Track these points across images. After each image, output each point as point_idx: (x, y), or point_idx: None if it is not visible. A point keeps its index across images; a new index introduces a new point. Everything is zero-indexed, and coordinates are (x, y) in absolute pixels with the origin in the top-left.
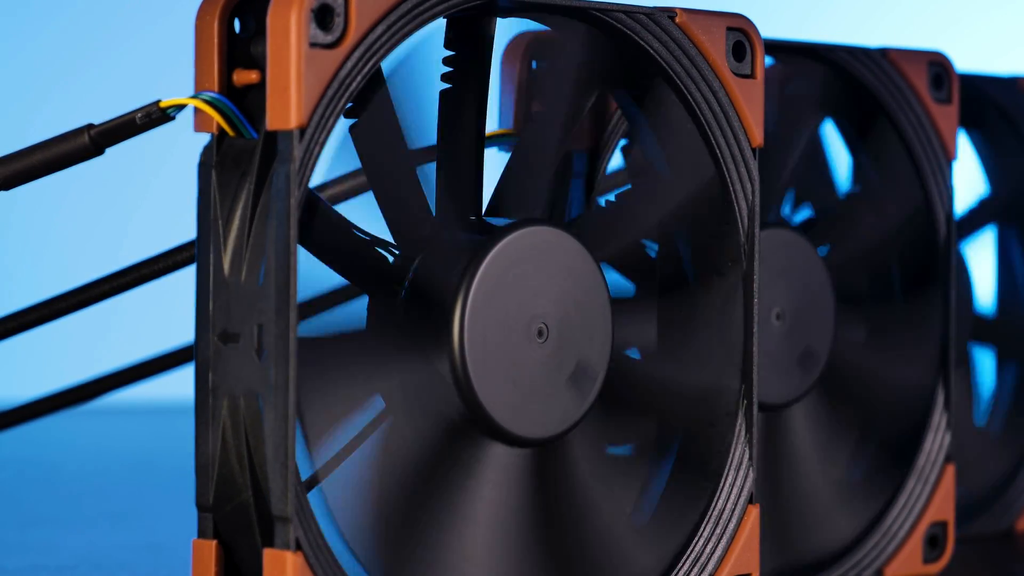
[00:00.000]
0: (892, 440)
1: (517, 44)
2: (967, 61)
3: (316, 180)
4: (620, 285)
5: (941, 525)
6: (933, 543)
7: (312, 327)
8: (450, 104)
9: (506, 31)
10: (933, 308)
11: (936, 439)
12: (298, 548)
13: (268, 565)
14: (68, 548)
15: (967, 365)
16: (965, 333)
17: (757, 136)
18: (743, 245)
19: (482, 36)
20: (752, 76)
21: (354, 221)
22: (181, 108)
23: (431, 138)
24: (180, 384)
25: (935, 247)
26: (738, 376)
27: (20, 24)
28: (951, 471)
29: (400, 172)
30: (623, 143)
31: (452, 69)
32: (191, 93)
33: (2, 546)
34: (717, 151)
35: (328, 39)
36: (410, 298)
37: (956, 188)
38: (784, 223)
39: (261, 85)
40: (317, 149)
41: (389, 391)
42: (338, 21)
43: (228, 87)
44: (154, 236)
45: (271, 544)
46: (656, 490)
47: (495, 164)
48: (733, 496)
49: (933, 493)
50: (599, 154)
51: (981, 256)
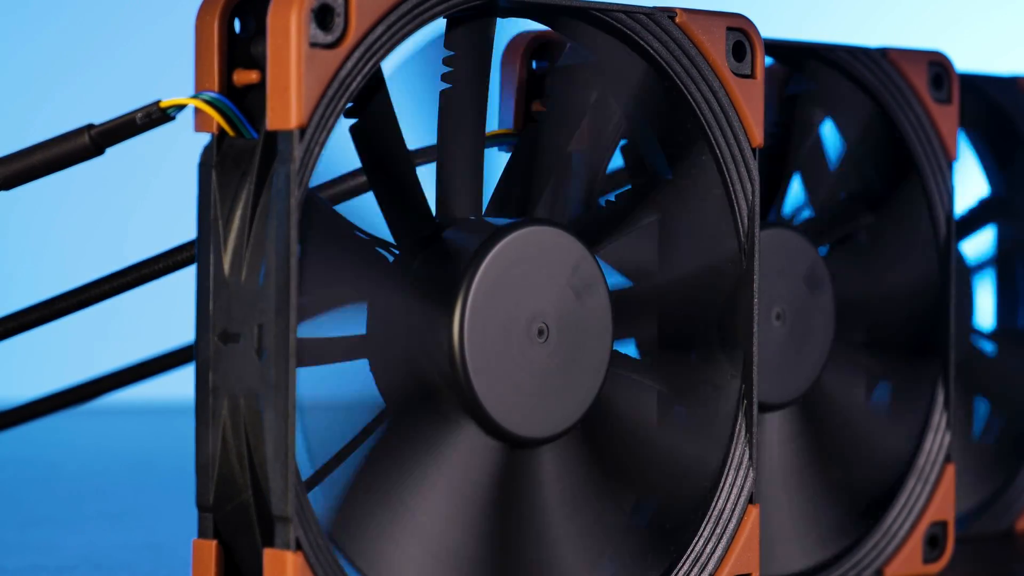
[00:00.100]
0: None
1: (517, 44)
2: (967, 61)
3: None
4: (620, 285)
5: (941, 525)
6: (933, 543)
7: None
8: (450, 104)
9: (506, 31)
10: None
11: (936, 439)
12: (298, 548)
13: (268, 565)
14: (68, 548)
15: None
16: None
17: (757, 136)
18: (743, 245)
19: (482, 36)
20: (752, 76)
21: (354, 221)
22: (181, 108)
23: (431, 138)
24: (180, 384)
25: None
26: (737, 378)
27: (20, 24)
28: (951, 471)
29: (400, 172)
30: (623, 143)
31: (452, 69)
32: (191, 93)
33: (2, 546)
34: (717, 151)
35: (328, 39)
36: (410, 298)
37: (956, 188)
38: (784, 223)
39: (261, 85)
40: (317, 149)
41: (385, 378)
42: (338, 21)
43: (228, 87)
44: (154, 236)
45: (271, 544)
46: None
47: (495, 164)
48: (733, 496)
49: (933, 493)
50: (599, 154)
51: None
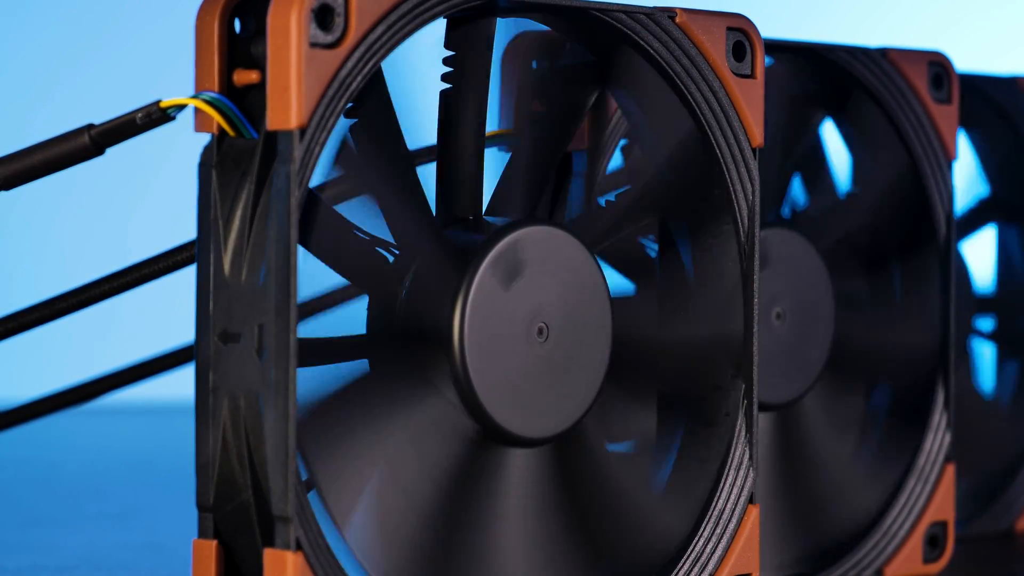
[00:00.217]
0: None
1: (517, 44)
2: (967, 61)
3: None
4: (620, 285)
5: (941, 525)
6: (933, 543)
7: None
8: (450, 104)
9: (506, 31)
10: (930, 274)
11: (936, 439)
12: (298, 548)
13: (268, 565)
14: (68, 548)
15: (968, 357)
16: (966, 326)
17: (757, 136)
18: (743, 245)
19: (482, 36)
20: (752, 76)
21: (354, 221)
22: (181, 108)
23: (431, 138)
24: (180, 384)
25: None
26: (737, 375)
27: (20, 24)
28: (951, 471)
29: (400, 172)
30: (623, 143)
31: (452, 69)
32: (191, 93)
33: (2, 546)
34: (717, 151)
35: (328, 39)
36: (410, 298)
37: (956, 188)
38: (784, 223)
39: (261, 85)
40: (317, 149)
41: (385, 378)
42: (338, 21)
43: (228, 87)
44: (154, 236)
45: (271, 544)
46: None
47: (495, 164)
48: (733, 496)
49: (933, 493)
50: (599, 154)
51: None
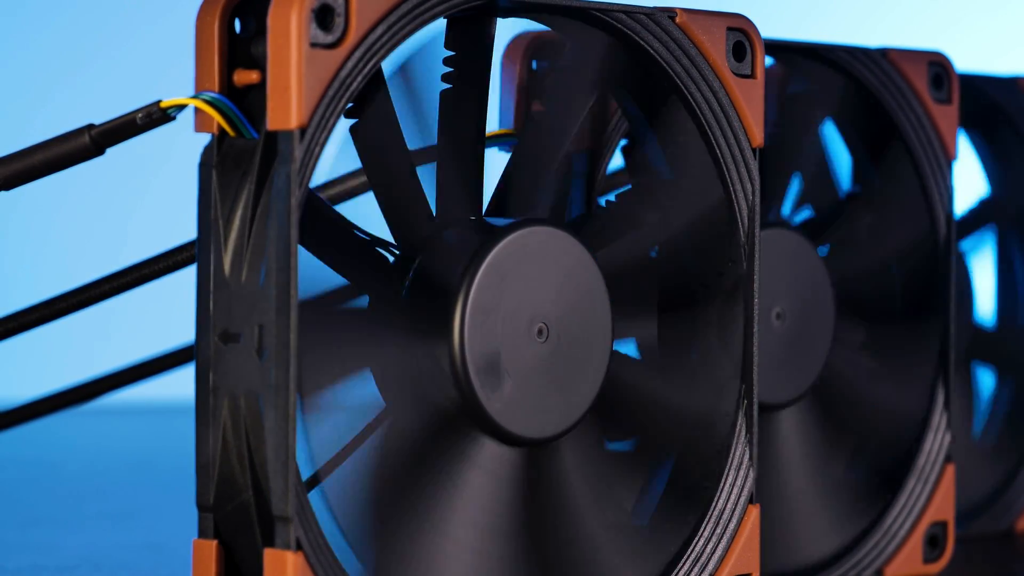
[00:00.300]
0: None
1: (517, 44)
2: (967, 61)
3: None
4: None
5: (941, 525)
6: (933, 543)
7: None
8: (450, 104)
9: (506, 31)
10: (933, 326)
11: (936, 439)
12: (299, 548)
13: (269, 565)
14: (68, 548)
15: (966, 375)
16: (964, 341)
17: (757, 136)
18: (743, 245)
19: (482, 36)
20: (752, 76)
21: (354, 221)
22: (182, 108)
23: (431, 138)
24: (180, 384)
25: (935, 258)
26: (738, 376)
27: (20, 24)
28: (951, 471)
29: (400, 172)
30: (623, 143)
31: (452, 69)
32: (192, 93)
33: (2, 546)
34: (717, 151)
35: (329, 39)
36: (410, 298)
37: (956, 188)
38: (784, 223)
39: (262, 85)
40: (317, 149)
41: (385, 379)
42: (339, 21)
43: (228, 87)
44: (154, 236)
45: (272, 544)
46: (656, 491)
47: (495, 164)
48: (733, 496)
49: (933, 493)
50: (599, 154)
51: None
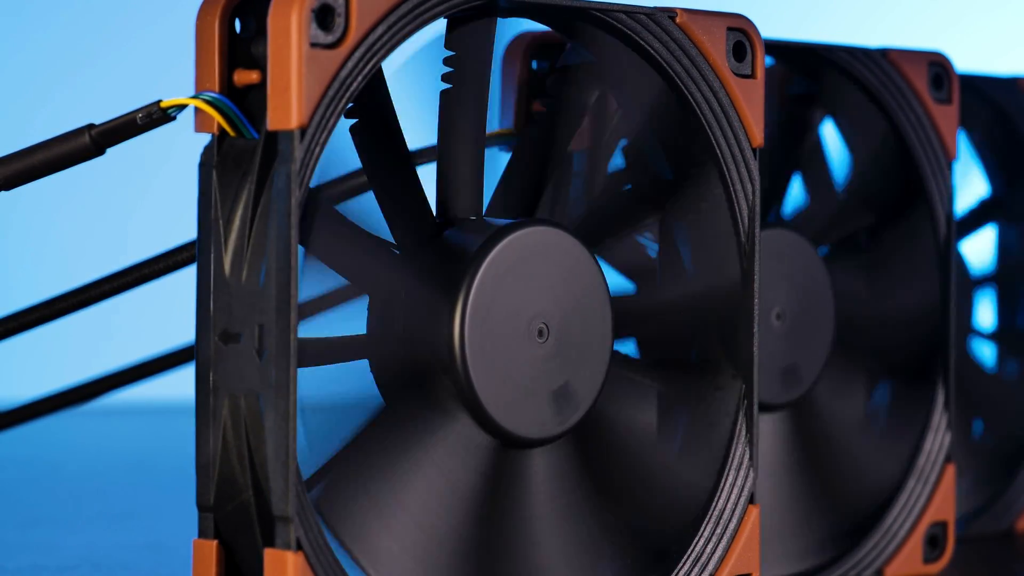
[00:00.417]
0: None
1: (517, 44)
2: (967, 61)
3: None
4: (620, 285)
5: (941, 525)
6: (933, 543)
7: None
8: (450, 104)
9: (506, 31)
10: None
11: (936, 439)
12: (299, 548)
13: (269, 565)
14: (68, 548)
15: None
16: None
17: (757, 136)
18: (743, 245)
19: (482, 36)
20: (752, 76)
21: (354, 221)
22: (182, 108)
23: (431, 138)
24: (180, 384)
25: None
26: (737, 375)
27: (20, 24)
28: (951, 471)
29: (400, 172)
30: (623, 143)
31: (452, 69)
32: (192, 93)
33: (2, 546)
34: (717, 151)
35: (329, 39)
36: (411, 298)
37: (956, 188)
38: (784, 223)
39: (262, 85)
40: (318, 149)
41: (385, 378)
42: (339, 21)
43: (229, 87)
44: (154, 236)
45: (272, 544)
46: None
47: (495, 164)
48: (733, 496)
49: (933, 493)
50: (599, 154)
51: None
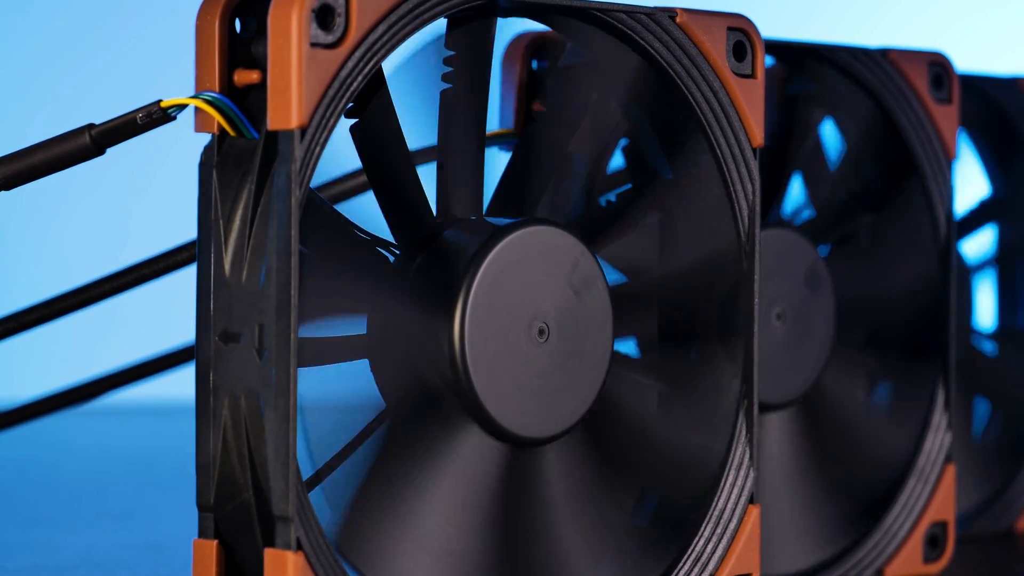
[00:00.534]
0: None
1: (517, 44)
2: (967, 61)
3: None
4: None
5: (941, 525)
6: (933, 543)
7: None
8: (450, 104)
9: (506, 31)
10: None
11: (936, 439)
12: (299, 548)
13: (269, 565)
14: (68, 548)
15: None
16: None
17: (757, 136)
18: (743, 245)
19: (482, 36)
20: (752, 76)
21: (354, 221)
22: (182, 108)
23: (431, 138)
24: (180, 384)
25: (936, 260)
26: (738, 377)
27: (20, 24)
28: (951, 471)
29: (400, 172)
30: (624, 143)
31: (452, 69)
32: (192, 93)
33: (2, 546)
34: (717, 151)
35: (329, 39)
36: (410, 298)
37: (956, 188)
38: (784, 223)
39: (262, 85)
40: (318, 149)
41: (385, 378)
42: (339, 21)
43: (229, 87)
44: (154, 236)
45: (272, 544)
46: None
47: (495, 164)
48: (734, 496)
49: (933, 493)
50: (599, 154)
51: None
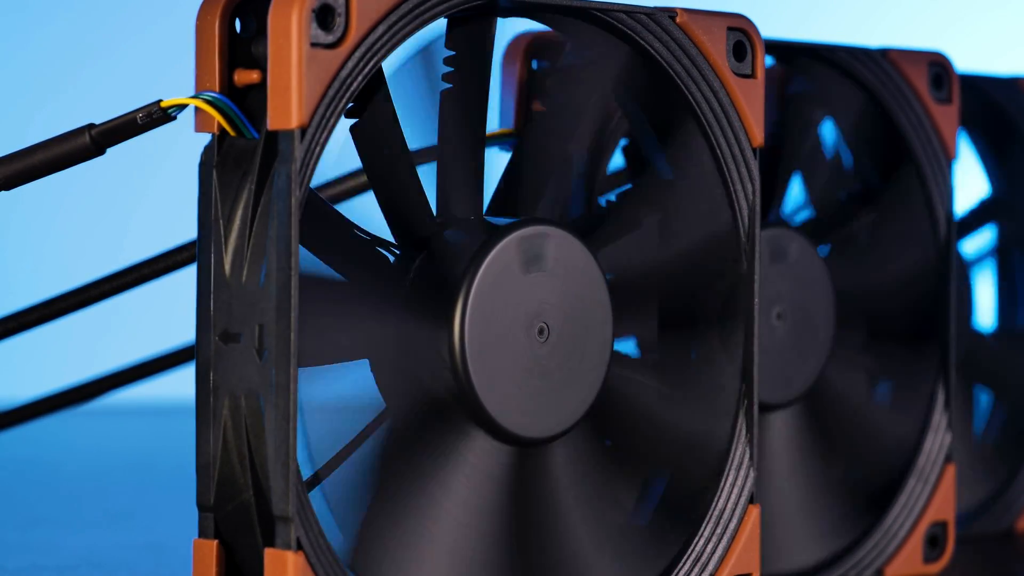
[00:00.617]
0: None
1: (517, 44)
2: (967, 61)
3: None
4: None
5: (941, 525)
6: (933, 543)
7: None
8: (450, 104)
9: (506, 31)
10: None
11: (936, 439)
12: (299, 548)
13: (269, 565)
14: (68, 548)
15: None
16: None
17: (757, 136)
18: (743, 245)
19: (482, 36)
20: (752, 76)
21: (354, 221)
22: (182, 108)
23: (431, 138)
24: (180, 384)
25: (936, 260)
26: (738, 377)
27: (20, 24)
28: (951, 471)
29: (400, 172)
30: (624, 143)
31: (452, 69)
32: (192, 93)
33: (2, 546)
34: (717, 151)
35: (329, 39)
36: (411, 298)
37: (956, 188)
38: (784, 223)
39: (262, 85)
40: (318, 149)
41: (384, 378)
42: (339, 21)
43: (229, 87)
44: (154, 236)
45: (272, 544)
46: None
47: (495, 164)
48: (733, 496)
49: (933, 493)
50: (599, 154)
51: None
